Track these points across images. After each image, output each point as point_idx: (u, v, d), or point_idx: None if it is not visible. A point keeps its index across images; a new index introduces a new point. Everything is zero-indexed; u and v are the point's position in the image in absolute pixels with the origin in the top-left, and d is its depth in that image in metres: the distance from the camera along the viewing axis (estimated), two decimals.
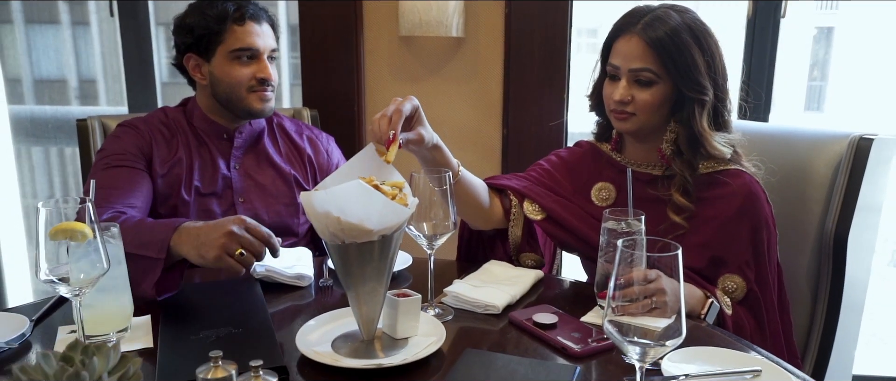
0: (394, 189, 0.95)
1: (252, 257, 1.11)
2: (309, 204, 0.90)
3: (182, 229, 1.14)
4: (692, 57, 1.17)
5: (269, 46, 1.47)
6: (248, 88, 1.45)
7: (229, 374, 0.74)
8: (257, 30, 1.45)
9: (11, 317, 1.04)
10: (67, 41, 4.75)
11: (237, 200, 1.49)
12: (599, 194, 1.33)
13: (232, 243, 1.09)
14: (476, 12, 2.04)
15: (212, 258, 1.09)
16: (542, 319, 1.06)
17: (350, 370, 0.92)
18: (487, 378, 0.88)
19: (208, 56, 1.45)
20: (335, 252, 0.93)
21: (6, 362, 0.96)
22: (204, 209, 1.47)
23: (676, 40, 1.16)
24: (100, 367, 0.64)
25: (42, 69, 4.15)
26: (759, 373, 0.89)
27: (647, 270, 0.80)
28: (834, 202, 1.38)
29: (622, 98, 1.20)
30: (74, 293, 0.89)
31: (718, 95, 1.21)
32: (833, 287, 1.39)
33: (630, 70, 1.20)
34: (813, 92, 7.21)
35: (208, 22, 1.42)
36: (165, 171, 1.44)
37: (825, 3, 6.82)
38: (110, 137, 1.48)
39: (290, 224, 1.52)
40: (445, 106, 2.13)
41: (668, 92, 1.20)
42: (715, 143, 1.20)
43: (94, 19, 5.01)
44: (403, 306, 0.99)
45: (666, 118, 1.23)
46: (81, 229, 0.92)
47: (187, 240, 1.12)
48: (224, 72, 1.44)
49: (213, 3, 1.43)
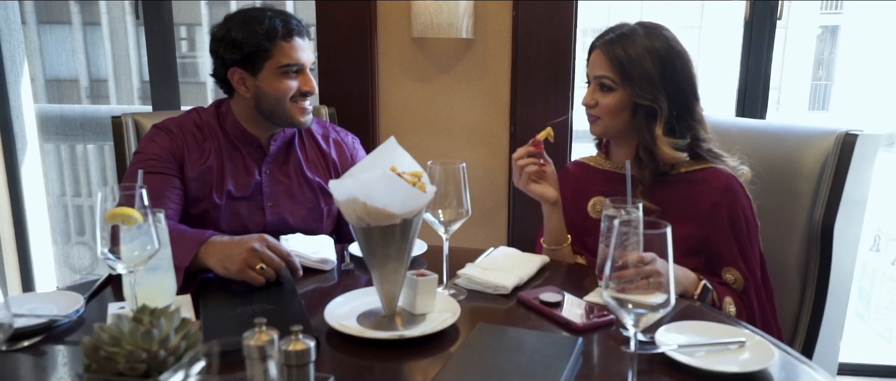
0: (413, 177, 1.05)
1: (272, 272, 1.22)
2: (338, 191, 1.00)
3: (209, 243, 1.25)
4: (644, 70, 1.31)
5: (311, 60, 1.52)
6: (291, 99, 1.48)
7: (272, 338, 0.85)
8: (302, 45, 1.49)
9: (68, 295, 1.15)
10: (78, 41, 4.85)
11: (266, 204, 1.54)
12: (595, 207, 1.44)
13: (253, 258, 1.20)
14: (485, 14, 2.14)
15: (235, 271, 1.21)
16: (548, 298, 1.16)
17: (374, 340, 1.02)
18: (499, 348, 0.97)
19: (255, 71, 1.47)
20: (361, 234, 1.03)
21: (65, 333, 1.07)
22: (234, 212, 1.52)
23: (633, 56, 1.31)
24: (166, 326, 0.74)
25: (56, 69, 4.23)
26: (743, 344, 0.99)
27: (644, 253, 0.89)
28: (821, 195, 1.47)
29: (587, 102, 1.38)
30: (129, 270, 0.99)
31: (675, 105, 1.33)
32: (820, 275, 1.49)
33: (595, 77, 1.37)
34: (817, 91, 7.20)
35: (258, 39, 1.44)
36: (197, 175, 1.49)
37: (829, 3, 6.82)
38: (145, 139, 1.53)
39: (315, 229, 1.57)
40: (455, 105, 2.22)
41: (626, 99, 1.34)
42: (665, 148, 1.32)
43: (104, 20, 5.10)
44: (421, 284, 1.09)
45: (628, 123, 1.36)
46: (132, 213, 1.03)
47: (214, 253, 1.24)
48: (272, 86, 1.47)
49: (260, 19, 1.45)
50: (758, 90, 2.25)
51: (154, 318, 0.74)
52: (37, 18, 4.10)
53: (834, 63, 7.67)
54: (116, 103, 5.09)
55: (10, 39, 2.60)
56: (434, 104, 2.24)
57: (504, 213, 2.27)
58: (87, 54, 4.95)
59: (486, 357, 0.94)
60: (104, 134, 3.31)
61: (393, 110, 2.24)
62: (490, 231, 2.27)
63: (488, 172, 2.25)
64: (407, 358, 1.00)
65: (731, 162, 1.39)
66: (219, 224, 1.49)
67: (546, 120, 2.16)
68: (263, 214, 1.54)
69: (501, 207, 2.26)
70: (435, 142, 2.23)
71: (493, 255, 1.39)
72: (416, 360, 1.00)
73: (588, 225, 1.44)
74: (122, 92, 5.02)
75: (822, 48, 7.71)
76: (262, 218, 1.53)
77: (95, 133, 3.19)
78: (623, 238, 0.85)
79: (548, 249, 1.45)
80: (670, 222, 0.81)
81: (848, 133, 1.46)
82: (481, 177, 2.23)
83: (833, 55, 7.65)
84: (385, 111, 2.25)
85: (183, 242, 1.24)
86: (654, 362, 0.96)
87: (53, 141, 3.06)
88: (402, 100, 2.24)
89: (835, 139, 1.47)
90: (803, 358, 1.02)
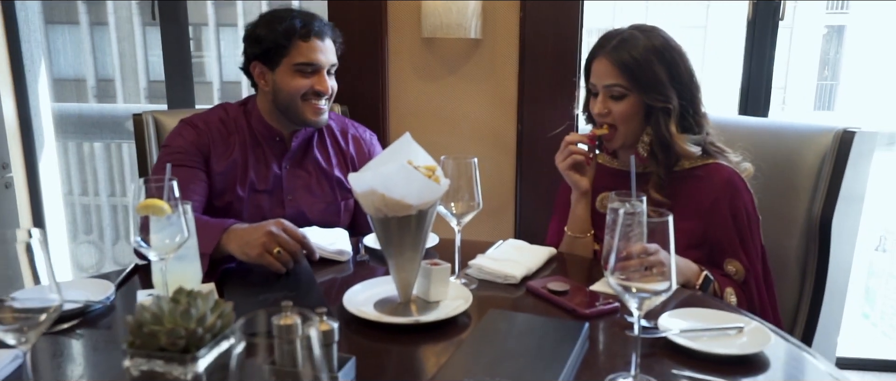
0: (428, 171, 1.10)
1: (289, 256, 1.28)
2: (357, 183, 1.06)
3: (230, 231, 1.32)
4: (654, 72, 1.35)
5: (330, 61, 1.57)
6: (302, 98, 1.54)
7: (296, 321, 0.90)
8: (320, 46, 1.55)
9: (99, 282, 1.21)
10: (85, 42, 4.90)
11: (286, 198, 1.61)
12: (602, 202, 1.50)
13: (271, 242, 1.27)
14: (493, 15, 2.19)
15: (254, 256, 1.27)
16: (556, 286, 1.21)
17: (391, 325, 1.08)
18: (509, 333, 1.03)
19: (273, 66, 1.55)
20: (379, 225, 1.09)
21: (97, 318, 1.13)
22: (255, 205, 1.59)
23: (640, 59, 1.35)
24: (202, 306, 0.80)
25: (62, 68, 4.28)
26: (741, 329, 1.04)
27: (648, 244, 0.94)
28: (820, 190, 1.52)
29: (600, 111, 1.40)
30: (161, 257, 1.05)
31: (684, 101, 1.38)
32: (819, 267, 1.53)
33: (604, 86, 1.39)
34: (823, 91, 7.17)
35: (276, 36, 1.51)
36: (222, 169, 1.56)
37: (835, 3, 6.78)
38: (172, 133, 1.60)
39: (332, 222, 1.63)
40: (464, 104, 2.28)
41: (639, 103, 1.38)
42: (683, 144, 1.37)
43: (111, 20, 5.15)
44: (435, 273, 1.14)
45: (642, 125, 1.40)
46: (162, 204, 1.08)
47: (234, 239, 1.30)
48: (285, 82, 1.54)
49: (283, 18, 1.52)
50: (760, 89, 2.30)
51: (191, 299, 0.80)
52: (44, 18, 4.17)
53: (839, 63, 7.64)
54: (123, 102, 5.15)
55: (29, 40, 2.66)
56: (443, 103, 2.30)
57: (511, 208, 2.32)
58: (95, 54, 4.99)
59: (497, 341, 0.99)
60: (114, 132, 3.35)
61: (403, 109, 2.30)
62: (498, 225, 2.33)
63: (496, 168, 2.30)
64: (422, 342, 1.06)
65: (733, 157, 1.44)
66: (241, 216, 1.56)
67: (552, 118, 2.22)
68: (283, 207, 1.60)
69: (509, 202, 2.32)
70: (444, 139, 2.29)
71: (502, 247, 1.44)
72: (431, 344, 1.05)
73: (596, 219, 1.49)
74: (128, 91, 5.08)
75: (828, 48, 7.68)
76: (282, 211, 1.59)
77: (108, 131, 3.23)
78: (627, 229, 0.90)
79: (571, 236, 1.49)
80: (673, 217, 0.86)
81: (845, 131, 1.51)
82: (489, 173, 2.28)
83: (838, 55, 7.62)
84: (395, 110, 2.31)
85: (206, 230, 1.30)
86: (657, 345, 1.01)
87: (62, 139, 3.11)
88: (412, 98, 2.30)
89: (833, 137, 1.52)
90: (802, 344, 1.07)
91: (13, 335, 0.75)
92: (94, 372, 0.97)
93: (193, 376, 0.76)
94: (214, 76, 5.51)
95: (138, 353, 0.76)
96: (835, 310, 1.61)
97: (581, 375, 0.94)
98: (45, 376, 0.95)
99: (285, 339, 0.77)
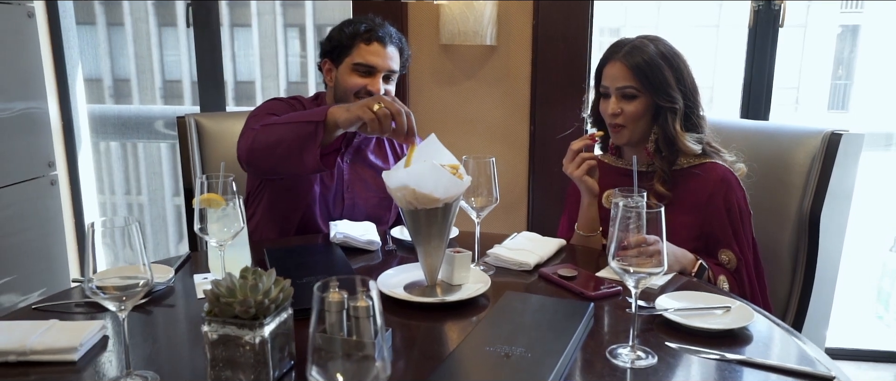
0: (452, 169, 1.25)
1: (387, 114, 1.39)
2: (390, 179, 1.20)
3: (334, 106, 1.48)
4: (663, 75, 1.49)
5: (387, 67, 1.69)
6: (356, 95, 1.67)
7: (344, 296, 1.05)
8: (381, 51, 1.68)
9: (159, 267, 1.36)
10: (102, 42, 5.04)
11: (344, 188, 1.76)
12: (608, 199, 1.63)
13: (373, 101, 1.41)
14: (507, 22, 2.34)
15: (356, 108, 1.41)
16: (565, 272, 1.35)
17: (419, 304, 1.23)
18: (523, 311, 1.17)
19: (337, 64, 1.72)
20: (409, 216, 1.24)
21: (160, 299, 1.28)
22: (317, 193, 1.71)
23: (650, 63, 1.50)
24: (267, 282, 0.95)
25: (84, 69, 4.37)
26: (729, 309, 1.18)
27: (647, 235, 1.08)
28: (810, 187, 1.65)
29: (613, 111, 1.53)
30: (219, 244, 1.21)
31: (688, 103, 1.52)
32: (809, 259, 1.67)
33: (617, 88, 1.53)
34: (837, 91, 7.18)
35: (343, 37, 1.69)
36: None
37: (850, 3, 6.76)
38: (261, 106, 1.73)
39: (382, 216, 1.78)
40: (479, 106, 2.43)
41: (648, 103, 1.52)
42: (686, 142, 1.51)
43: (128, 21, 5.30)
44: (458, 259, 1.29)
45: (649, 125, 1.55)
46: (217, 198, 1.24)
47: (340, 109, 1.46)
48: (344, 79, 1.70)
49: (354, 22, 1.69)
50: (761, 93, 2.42)
51: (257, 276, 0.95)
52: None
53: (854, 63, 7.59)
54: (140, 103, 5.30)
55: (69, 42, 2.81)
56: (460, 106, 2.44)
57: (524, 203, 2.47)
58: (112, 54, 5.13)
59: (513, 318, 1.13)
60: (132, 132, 3.46)
61: (422, 112, 2.45)
62: (512, 219, 2.47)
63: (511, 167, 2.45)
64: (447, 319, 1.20)
65: (728, 157, 1.58)
66: (302, 202, 1.70)
67: (563, 119, 2.36)
68: (342, 198, 1.75)
69: (522, 197, 2.47)
70: (461, 141, 2.43)
71: (517, 238, 1.58)
72: (455, 321, 1.20)
73: (602, 214, 1.63)
74: (144, 92, 5.23)
75: (842, 48, 7.64)
76: (341, 202, 1.74)
77: (130, 131, 3.35)
78: (627, 221, 1.04)
79: (582, 235, 1.63)
80: (674, 211, 1.00)
81: (833, 133, 1.63)
82: (504, 172, 2.43)
83: (853, 55, 7.57)
84: (415, 112, 2.41)
85: (313, 110, 1.51)
86: (654, 322, 1.15)
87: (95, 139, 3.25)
88: (431, 102, 2.45)
89: (822, 138, 1.64)
90: (783, 323, 1.20)
91: (115, 303, 0.91)
92: (169, 340, 1.13)
93: (260, 339, 0.91)
94: (229, 76, 5.65)
95: (216, 320, 0.91)
96: (824, 301, 1.74)
97: (586, 346, 1.08)
98: (134, 339, 1.10)
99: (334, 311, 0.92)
